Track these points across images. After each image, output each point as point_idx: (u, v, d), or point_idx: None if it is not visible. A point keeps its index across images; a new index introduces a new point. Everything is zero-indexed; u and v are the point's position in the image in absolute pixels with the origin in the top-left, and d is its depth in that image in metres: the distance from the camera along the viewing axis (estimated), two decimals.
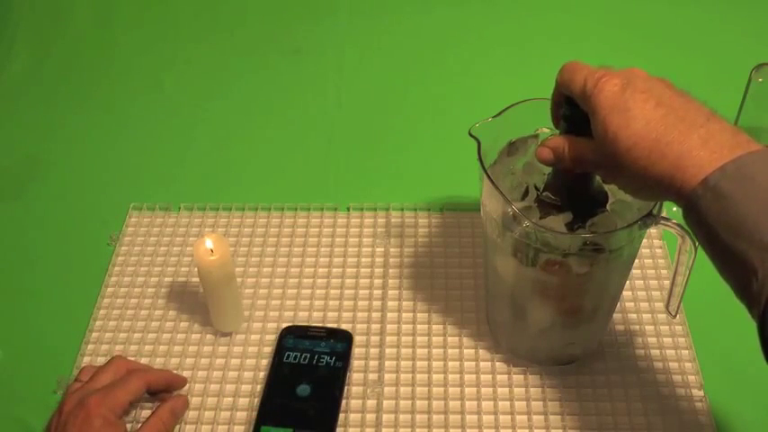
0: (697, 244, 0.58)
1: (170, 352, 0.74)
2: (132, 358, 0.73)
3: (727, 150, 0.48)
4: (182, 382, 0.70)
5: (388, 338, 0.74)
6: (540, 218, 0.60)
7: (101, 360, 0.73)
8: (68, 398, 0.63)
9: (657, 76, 0.54)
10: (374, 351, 0.73)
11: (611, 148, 0.52)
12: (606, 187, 0.62)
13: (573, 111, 0.56)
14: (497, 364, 0.72)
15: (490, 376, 0.71)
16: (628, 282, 0.73)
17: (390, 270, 0.80)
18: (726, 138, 0.49)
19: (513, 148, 0.65)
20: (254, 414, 0.68)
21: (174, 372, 0.71)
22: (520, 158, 0.65)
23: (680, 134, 0.50)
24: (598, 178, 0.61)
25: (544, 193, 0.62)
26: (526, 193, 0.63)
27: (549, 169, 0.61)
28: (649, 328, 0.75)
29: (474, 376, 0.71)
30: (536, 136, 0.65)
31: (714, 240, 0.49)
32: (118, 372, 0.66)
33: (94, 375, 0.65)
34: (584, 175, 0.60)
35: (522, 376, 0.71)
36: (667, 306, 0.66)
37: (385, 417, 0.68)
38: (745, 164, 0.48)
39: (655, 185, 0.51)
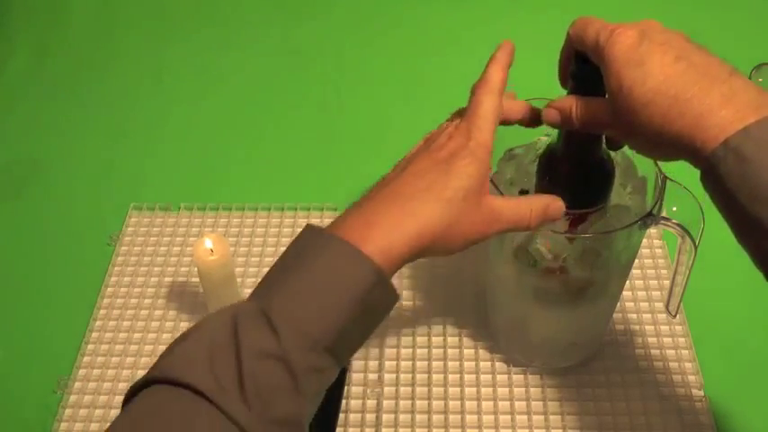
0: (697, 244, 0.58)
1: None
2: (132, 358, 0.73)
3: (751, 110, 0.45)
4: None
5: (388, 339, 0.74)
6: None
7: (100, 360, 0.73)
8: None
9: (674, 29, 0.51)
10: (374, 351, 0.73)
11: (625, 105, 0.49)
12: (604, 188, 0.61)
13: (583, 68, 0.52)
14: (497, 364, 0.72)
15: (490, 376, 0.71)
16: (628, 282, 0.73)
17: None
18: (750, 96, 0.46)
19: (510, 154, 0.65)
20: None
21: None
22: (519, 162, 0.65)
23: (700, 90, 0.46)
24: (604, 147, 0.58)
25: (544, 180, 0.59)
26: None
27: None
28: (649, 328, 0.75)
29: (474, 376, 0.71)
30: (534, 143, 0.64)
31: (733, 205, 0.46)
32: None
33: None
34: (591, 139, 0.56)
35: (522, 376, 0.71)
36: (667, 306, 0.66)
37: (385, 417, 0.68)
38: None
39: (671, 145, 0.48)
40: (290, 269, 0.48)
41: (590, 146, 0.57)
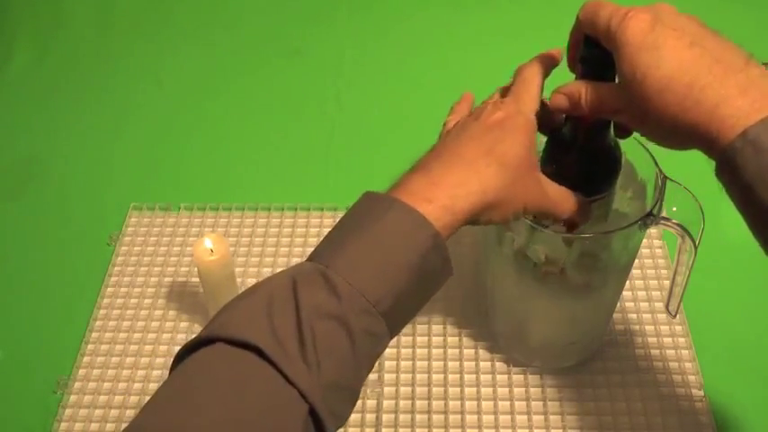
0: (697, 244, 0.58)
1: (170, 352, 0.73)
2: (132, 358, 0.73)
3: None
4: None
5: None
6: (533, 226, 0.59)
7: (100, 360, 0.73)
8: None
9: (687, 13, 0.50)
10: None
11: (639, 91, 0.47)
12: (610, 175, 0.59)
13: (592, 52, 0.51)
14: (497, 364, 0.72)
15: (490, 376, 0.71)
16: (628, 282, 0.73)
17: None
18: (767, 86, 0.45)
19: None
20: None
21: None
22: None
23: (716, 78, 0.46)
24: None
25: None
26: None
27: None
28: (649, 328, 0.75)
29: (474, 376, 0.71)
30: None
31: (750, 197, 0.45)
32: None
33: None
34: (600, 125, 0.55)
35: (521, 376, 0.71)
36: (667, 306, 0.66)
37: (385, 417, 0.68)
38: None
39: (685, 134, 0.47)
40: (350, 231, 0.48)
41: (598, 132, 0.56)
